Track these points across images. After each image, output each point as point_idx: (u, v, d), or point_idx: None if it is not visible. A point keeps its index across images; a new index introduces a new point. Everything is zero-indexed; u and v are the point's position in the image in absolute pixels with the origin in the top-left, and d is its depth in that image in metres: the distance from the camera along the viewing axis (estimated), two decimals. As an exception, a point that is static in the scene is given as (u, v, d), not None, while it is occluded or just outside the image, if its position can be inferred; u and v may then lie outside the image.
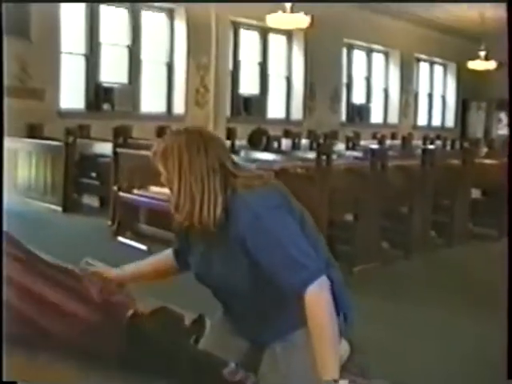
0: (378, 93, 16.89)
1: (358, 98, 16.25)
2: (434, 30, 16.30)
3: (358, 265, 5.99)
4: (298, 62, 14.45)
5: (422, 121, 18.29)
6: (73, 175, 8.63)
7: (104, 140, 8.83)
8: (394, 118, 17.12)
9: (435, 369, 3.78)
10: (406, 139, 13.42)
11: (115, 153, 7.64)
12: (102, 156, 8.68)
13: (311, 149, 10.75)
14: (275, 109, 14.32)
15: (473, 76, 16.87)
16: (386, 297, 5.18)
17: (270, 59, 14.09)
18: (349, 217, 6.51)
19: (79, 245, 6.31)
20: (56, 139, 8.82)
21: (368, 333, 3.03)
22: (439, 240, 7.37)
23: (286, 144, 11.69)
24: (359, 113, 16.07)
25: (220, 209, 2.04)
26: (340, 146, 11.50)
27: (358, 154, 9.36)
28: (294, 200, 2.17)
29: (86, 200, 8.93)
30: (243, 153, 9.24)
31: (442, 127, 18.78)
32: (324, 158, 6.05)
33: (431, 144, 11.26)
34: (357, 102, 16.14)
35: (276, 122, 13.77)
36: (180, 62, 12.15)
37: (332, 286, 2.01)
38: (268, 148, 10.09)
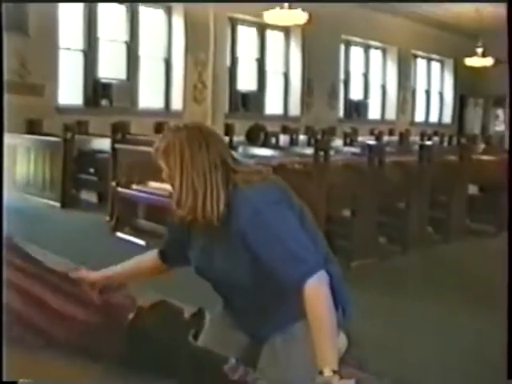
0: (375, 89, 16.89)
1: (356, 95, 16.25)
2: (431, 26, 16.30)
3: (356, 260, 6.01)
4: (296, 58, 14.44)
5: (419, 117, 18.29)
6: (71, 171, 8.64)
7: (102, 136, 8.84)
8: (391, 114, 17.12)
9: (431, 363, 3.81)
10: (404, 135, 13.45)
11: (114, 148, 7.65)
12: (100, 152, 8.68)
13: (309, 145, 10.77)
14: (273, 105, 14.32)
15: (470, 72, 16.88)
16: (383, 292, 5.19)
17: (268, 55, 14.09)
18: (346, 212, 6.53)
19: (77, 240, 6.34)
20: (54, 135, 8.83)
21: (365, 327, 3.06)
22: (436, 236, 7.37)
23: (283, 140, 11.71)
24: (357, 109, 16.06)
25: (223, 203, 2.06)
26: (338, 142, 11.51)
27: (356, 150, 9.36)
28: (294, 195, 2.19)
29: (85, 196, 8.94)
30: (241, 149, 9.23)
31: (440, 123, 18.78)
32: (322, 153, 6.07)
33: (429, 140, 11.29)
34: (354, 98, 16.13)
35: (274, 118, 13.77)
36: (178, 58, 12.15)
37: (331, 280, 2.03)
38: (266, 144, 10.09)
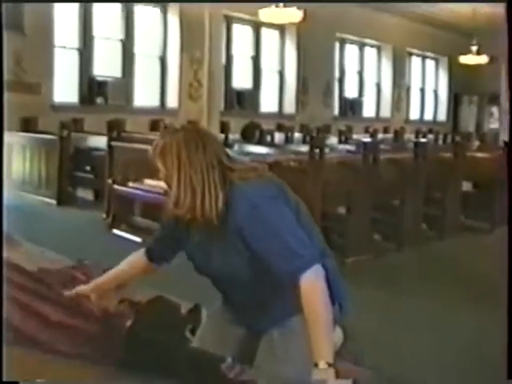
0: (370, 87, 16.93)
1: (351, 92, 16.28)
2: (426, 24, 16.33)
3: (351, 256, 6.04)
4: (291, 56, 14.47)
5: (414, 115, 18.33)
6: (67, 168, 8.65)
7: (98, 134, 8.85)
8: (386, 112, 17.16)
9: (426, 359, 3.83)
10: (399, 133, 13.48)
11: (110, 146, 7.66)
12: (96, 149, 8.70)
13: (304, 142, 10.80)
14: (268, 103, 14.33)
15: (465, 70, 16.92)
16: (378, 288, 5.22)
17: (263, 53, 14.10)
18: (341, 209, 6.56)
19: (74, 238, 6.35)
20: (50, 133, 8.83)
21: (360, 323, 3.09)
22: (431, 232, 7.41)
23: (278, 138, 11.74)
24: (352, 107, 16.09)
25: (221, 202, 2.08)
26: (333, 140, 11.57)
27: (351, 148, 9.41)
28: (290, 191, 2.21)
29: (81, 193, 8.94)
30: (237, 146, 9.27)
31: (434, 121, 18.83)
32: (317, 151, 6.10)
33: (423, 138, 11.31)
34: (349, 96, 16.16)
35: (269, 115, 13.79)
36: (173, 56, 12.16)
37: (327, 274, 2.06)
38: (261, 142, 10.12)
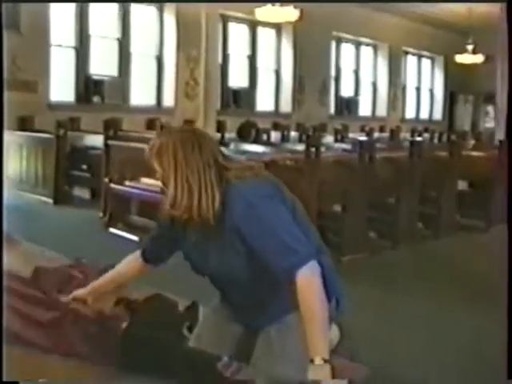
0: (366, 86, 16.94)
1: (347, 91, 16.29)
2: (422, 23, 16.35)
3: (347, 255, 6.05)
4: (287, 55, 14.48)
5: (410, 114, 18.34)
6: (64, 167, 8.66)
7: (95, 132, 8.86)
8: (382, 110, 17.17)
9: (420, 357, 3.85)
10: (394, 132, 13.51)
11: (106, 145, 7.67)
12: (93, 148, 8.71)
13: (300, 141, 10.81)
14: (264, 102, 14.34)
15: (460, 69, 16.95)
16: (374, 286, 5.23)
17: (259, 52, 14.10)
18: (337, 208, 6.58)
19: (71, 237, 6.36)
20: (46, 132, 8.84)
21: (356, 321, 3.10)
22: (426, 231, 7.42)
23: (275, 136, 11.74)
24: (348, 106, 16.10)
25: (218, 201, 2.10)
26: (329, 139, 11.59)
27: (347, 147, 9.45)
28: (286, 189, 2.23)
29: (77, 192, 8.96)
30: (233, 145, 9.28)
31: (430, 120, 18.84)
32: (313, 150, 6.11)
33: (419, 136, 11.33)
34: (345, 95, 16.17)
35: (265, 114, 13.80)
36: (170, 55, 12.16)
37: (323, 271, 2.08)
38: (257, 140, 10.13)
